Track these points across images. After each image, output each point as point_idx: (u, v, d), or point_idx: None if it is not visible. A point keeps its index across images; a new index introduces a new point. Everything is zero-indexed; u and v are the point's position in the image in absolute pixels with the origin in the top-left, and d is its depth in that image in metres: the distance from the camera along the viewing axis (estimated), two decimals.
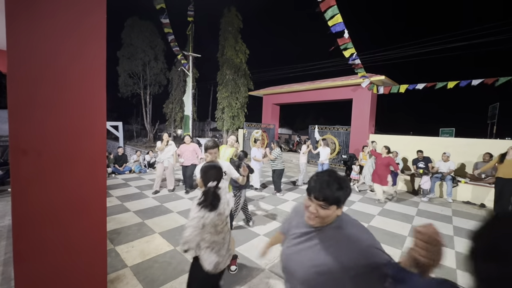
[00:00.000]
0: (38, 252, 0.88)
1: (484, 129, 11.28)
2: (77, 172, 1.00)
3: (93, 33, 0.93)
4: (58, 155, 0.94)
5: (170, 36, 9.20)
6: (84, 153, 1.00)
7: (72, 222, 0.99)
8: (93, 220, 1.01)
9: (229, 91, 15.76)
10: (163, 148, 5.93)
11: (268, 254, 1.36)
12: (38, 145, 0.87)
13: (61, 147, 0.96)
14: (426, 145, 7.55)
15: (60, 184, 0.94)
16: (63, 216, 0.94)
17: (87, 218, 1.03)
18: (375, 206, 5.51)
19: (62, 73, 0.89)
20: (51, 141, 0.92)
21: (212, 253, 1.64)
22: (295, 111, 35.82)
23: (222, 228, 1.68)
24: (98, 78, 0.99)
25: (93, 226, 1.02)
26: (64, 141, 0.95)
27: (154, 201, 5.30)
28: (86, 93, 0.97)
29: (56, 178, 0.95)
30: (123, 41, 19.73)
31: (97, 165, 1.00)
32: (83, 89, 0.96)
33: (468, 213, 5.39)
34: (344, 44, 6.66)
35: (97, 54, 0.98)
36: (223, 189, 1.84)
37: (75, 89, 0.94)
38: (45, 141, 0.91)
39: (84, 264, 1.01)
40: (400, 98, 47.66)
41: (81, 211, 1.00)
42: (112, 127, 12.04)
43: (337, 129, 10.72)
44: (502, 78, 6.46)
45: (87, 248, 1.01)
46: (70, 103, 0.93)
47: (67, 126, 0.94)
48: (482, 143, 6.86)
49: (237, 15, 15.94)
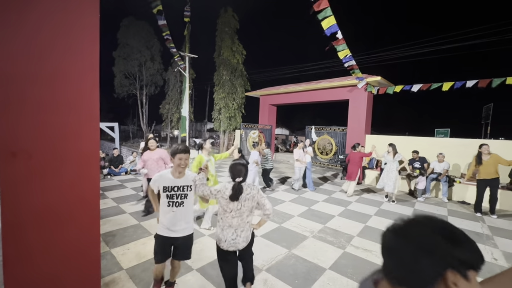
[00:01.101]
0: (29, 256, 0.86)
1: (479, 129, 11.41)
2: (69, 174, 0.97)
3: (85, 30, 0.90)
4: (49, 157, 0.91)
5: (167, 37, 9.15)
6: (76, 154, 0.97)
7: (64, 225, 0.96)
8: (86, 222, 0.98)
9: (226, 91, 15.72)
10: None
11: None
12: (28, 147, 0.85)
13: (52, 149, 0.93)
14: (422, 145, 7.61)
15: (52, 186, 0.92)
16: (54, 219, 0.92)
17: (80, 220, 1.01)
18: (372, 207, 5.53)
19: (53, 72, 0.86)
20: (42, 143, 0.90)
21: (218, 229, 2.08)
22: (292, 112, 35.90)
23: (232, 216, 2.03)
24: (91, 78, 0.96)
25: (86, 228, 0.99)
26: (55, 143, 0.92)
27: (150, 202, 5.26)
28: (78, 93, 0.94)
29: (48, 180, 0.92)
30: (119, 41, 19.57)
31: (90, 167, 0.98)
32: (75, 89, 0.93)
33: (463, 212, 5.43)
34: (338, 46, 6.69)
35: (90, 52, 0.95)
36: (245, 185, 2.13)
37: (66, 88, 0.91)
38: (36, 143, 0.88)
39: (77, 268, 0.99)
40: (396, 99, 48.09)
41: (74, 214, 0.98)
42: (107, 128, 11.93)
43: (333, 130, 10.76)
44: (496, 79, 6.54)
45: (80, 252, 0.99)
46: (62, 103, 0.91)
47: (59, 127, 0.91)
48: (476, 143, 6.92)
49: (233, 15, 15.92)
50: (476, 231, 4.37)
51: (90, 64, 0.93)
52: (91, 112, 0.94)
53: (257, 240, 3.67)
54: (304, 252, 3.35)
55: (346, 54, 7.00)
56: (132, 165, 8.80)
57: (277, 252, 3.33)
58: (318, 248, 3.51)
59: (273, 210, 2.22)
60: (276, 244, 3.57)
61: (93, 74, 0.93)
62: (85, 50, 0.93)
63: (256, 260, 3.10)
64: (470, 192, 6.16)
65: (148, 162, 4.51)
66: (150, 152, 4.57)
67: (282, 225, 4.27)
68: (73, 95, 0.91)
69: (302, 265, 3.03)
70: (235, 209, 2.02)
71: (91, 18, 0.93)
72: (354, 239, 3.85)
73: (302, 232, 4.03)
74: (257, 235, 3.83)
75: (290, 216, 4.74)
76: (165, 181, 2.17)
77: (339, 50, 6.87)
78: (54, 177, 0.90)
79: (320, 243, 3.67)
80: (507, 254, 3.55)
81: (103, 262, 2.90)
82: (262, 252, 3.31)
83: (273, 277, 2.77)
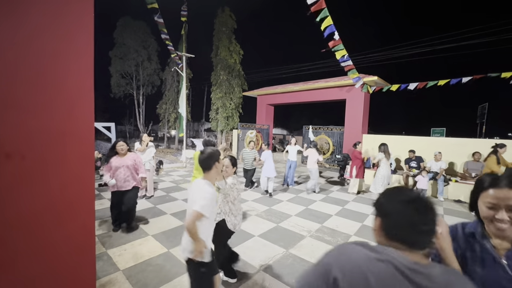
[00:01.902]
0: (21, 259, 0.84)
1: (474, 128, 11.52)
2: (64, 174, 0.96)
3: (79, 27, 0.89)
4: (43, 158, 0.90)
5: (164, 35, 9.13)
6: (71, 155, 0.96)
7: (58, 227, 0.95)
8: (81, 224, 0.97)
9: (223, 91, 15.70)
10: (144, 150, 5.59)
11: None
12: (22, 147, 0.84)
13: (46, 149, 0.92)
14: (418, 144, 7.66)
15: (46, 188, 0.91)
16: (48, 221, 0.91)
17: (74, 222, 1.00)
18: (368, 206, 5.55)
19: (45, 70, 0.85)
20: (35, 143, 0.89)
21: (232, 217, 2.49)
22: (290, 112, 35.93)
23: (238, 202, 2.54)
24: (85, 77, 0.95)
25: (81, 230, 0.98)
26: (49, 143, 0.91)
27: (147, 203, 5.23)
28: (72, 93, 0.93)
29: (41, 181, 0.91)
30: (116, 41, 19.45)
31: (85, 167, 0.97)
32: (70, 88, 0.92)
33: (459, 211, 5.48)
34: (335, 46, 6.72)
35: (84, 51, 0.94)
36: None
37: (60, 88, 0.90)
38: (30, 144, 0.87)
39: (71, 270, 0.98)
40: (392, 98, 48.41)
41: (68, 215, 0.97)
42: (104, 128, 11.85)
43: (331, 129, 10.80)
44: (492, 74, 6.62)
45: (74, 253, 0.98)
46: (56, 103, 0.89)
47: (53, 127, 0.90)
48: (472, 143, 7.00)
49: (231, 15, 15.90)
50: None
51: (84, 63, 0.92)
52: (86, 112, 0.92)
53: (254, 240, 3.67)
54: (301, 252, 3.36)
55: (343, 54, 7.03)
56: None
57: (274, 252, 3.33)
58: (316, 247, 3.52)
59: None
60: (274, 243, 3.57)
61: (88, 73, 0.92)
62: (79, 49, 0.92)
63: (254, 259, 3.10)
64: (466, 191, 6.22)
65: (120, 170, 3.69)
66: (120, 158, 3.74)
67: (280, 225, 4.27)
68: (67, 95, 0.90)
69: (299, 265, 3.04)
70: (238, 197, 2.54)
71: (85, 17, 0.92)
72: (351, 238, 3.86)
73: (299, 231, 4.04)
74: (254, 235, 3.83)
75: (287, 215, 4.75)
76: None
77: (336, 51, 6.90)
78: (49, 178, 0.89)
79: (318, 242, 3.68)
80: None
81: (99, 263, 2.88)
82: (260, 252, 3.31)
83: (270, 277, 2.77)
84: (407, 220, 0.74)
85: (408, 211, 0.74)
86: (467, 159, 6.79)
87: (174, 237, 3.53)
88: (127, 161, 3.75)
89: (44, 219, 0.89)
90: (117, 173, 3.68)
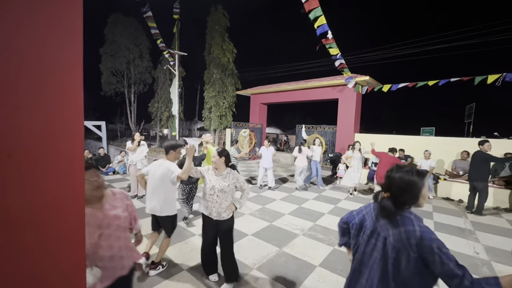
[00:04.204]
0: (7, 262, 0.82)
1: (462, 128, 11.82)
2: (52, 175, 0.93)
3: (67, 22, 0.86)
4: (31, 157, 0.87)
5: (154, 31, 8.93)
6: (60, 154, 0.93)
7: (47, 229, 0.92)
8: (71, 225, 0.94)
9: (216, 90, 15.60)
10: (135, 149, 5.51)
11: None
12: (8, 146, 0.81)
13: (34, 148, 0.89)
14: (408, 143, 7.82)
15: (33, 188, 0.88)
16: (36, 223, 0.88)
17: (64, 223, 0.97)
18: (361, 204, 5.63)
19: (31, 67, 0.83)
20: (23, 142, 0.86)
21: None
22: (283, 111, 35.98)
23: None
24: (74, 73, 0.92)
25: (71, 231, 0.95)
26: (37, 142, 0.88)
27: (139, 202, 5.16)
28: (60, 90, 0.90)
29: (29, 181, 0.88)
30: (106, 38, 19.02)
31: (75, 167, 0.94)
32: (57, 85, 0.89)
33: (447, 208, 5.63)
34: (328, 45, 6.77)
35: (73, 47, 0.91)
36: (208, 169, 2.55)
37: (47, 85, 0.87)
38: (16, 142, 0.84)
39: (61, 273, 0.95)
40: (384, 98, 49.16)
41: (57, 217, 0.94)
42: (94, 126, 11.62)
43: (323, 129, 10.89)
44: (478, 77, 6.79)
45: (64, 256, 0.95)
46: (43, 100, 0.87)
47: (41, 126, 0.87)
48: (459, 142, 7.19)
49: (224, 13, 15.79)
50: (459, 226, 4.53)
51: (73, 59, 0.89)
52: (75, 110, 0.90)
53: (248, 239, 3.68)
54: (294, 250, 3.38)
55: (336, 53, 7.09)
56: (120, 165, 8.61)
57: (268, 251, 3.34)
58: (309, 245, 3.55)
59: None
60: (267, 242, 3.58)
61: (77, 70, 0.89)
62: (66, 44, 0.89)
63: (247, 258, 3.11)
64: (454, 188, 6.38)
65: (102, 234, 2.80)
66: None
67: (273, 224, 4.29)
68: (55, 92, 0.88)
69: (292, 263, 3.06)
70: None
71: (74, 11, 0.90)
72: None
73: (292, 230, 4.06)
74: (248, 234, 3.84)
75: (280, 214, 4.77)
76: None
77: (329, 49, 6.95)
78: (37, 178, 0.87)
79: (310, 240, 3.71)
80: (488, 248, 3.70)
81: None
82: (253, 251, 3.31)
83: (264, 275, 2.78)
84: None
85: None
86: (455, 157, 6.98)
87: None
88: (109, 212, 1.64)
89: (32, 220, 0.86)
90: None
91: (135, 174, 5.53)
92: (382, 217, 1.26)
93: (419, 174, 1.22)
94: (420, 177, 1.21)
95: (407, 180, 1.20)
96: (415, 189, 1.20)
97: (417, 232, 1.12)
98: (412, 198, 1.21)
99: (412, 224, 1.16)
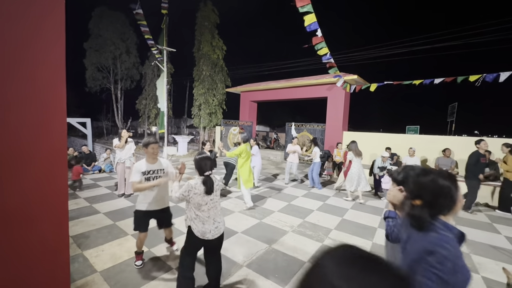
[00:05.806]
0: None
1: (445, 126, 12.26)
2: (33, 173, 0.90)
3: (49, 15, 0.82)
4: (10, 155, 0.83)
5: (144, 28, 8.74)
6: (41, 152, 0.90)
7: (28, 229, 0.89)
8: (53, 225, 0.91)
9: (205, 87, 15.40)
10: (123, 146, 5.35)
11: None
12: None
13: (14, 146, 0.85)
14: (394, 141, 8.03)
15: (14, 186, 0.84)
16: (16, 222, 0.84)
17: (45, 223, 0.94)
18: (347, 201, 5.75)
19: (11, 61, 0.78)
20: (3, 139, 0.82)
21: (199, 224, 2.16)
22: (273, 109, 36.11)
23: (208, 208, 2.18)
24: (56, 68, 0.88)
25: (53, 231, 0.92)
26: (18, 140, 0.84)
27: (126, 201, 5.05)
28: (42, 85, 0.86)
29: (10, 179, 0.84)
30: (91, 32, 18.37)
31: (57, 165, 0.91)
32: (38, 80, 0.85)
33: None
34: (317, 43, 6.82)
35: (55, 40, 0.87)
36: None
37: (28, 80, 0.83)
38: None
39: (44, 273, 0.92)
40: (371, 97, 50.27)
41: (39, 216, 0.91)
42: (79, 123, 11.25)
43: (313, 126, 11.01)
44: (460, 77, 7.06)
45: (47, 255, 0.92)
46: (24, 96, 0.82)
47: (21, 123, 0.83)
48: (442, 140, 7.46)
49: (213, 9, 15.57)
50: None
51: (54, 54, 0.85)
52: (58, 106, 0.86)
53: (237, 236, 3.68)
54: (284, 247, 3.42)
55: (326, 52, 7.15)
56: (106, 163, 8.39)
57: (257, 248, 3.36)
58: (298, 242, 3.59)
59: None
60: (257, 239, 3.60)
61: (58, 65, 0.85)
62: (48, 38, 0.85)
63: (237, 256, 3.11)
64: None
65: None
66: None
67: (263, 221, 4.32)
68: (36, 88, 0.83)
69: (282, 259, 3.09)
70: (209, 201, 2.20)
71: (55, 4, 0.85)
72: (332, 232, 3.99)
73: (282, 227, 4.10)
74: (237, 231, 3.84)
75: (270, 211, 4.80)
76: (142, 167, 2.75)
77: (318, 48, 7.01)
78: (17, 176, 0.83)
79: (300, 237, 3.76)
80: (468, 241, 3.87)
81: (74, 265, 2.75)
82: (243, 248, 3.32)
83: (253, 272, 2.80)
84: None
85: None
86: (439, 155, 7.23)
87: (155, 236, 3.44)
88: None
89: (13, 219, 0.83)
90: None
91: (123, 172, 5.43)
92: (413, 228, 1.09)
93: (451, 176, 1.09)
94: (452, 179, 1.07)
95: (441, 184, 1.05)
96: (451, 192, 1.05)
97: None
98: (451, 203, 1.05)
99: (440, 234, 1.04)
